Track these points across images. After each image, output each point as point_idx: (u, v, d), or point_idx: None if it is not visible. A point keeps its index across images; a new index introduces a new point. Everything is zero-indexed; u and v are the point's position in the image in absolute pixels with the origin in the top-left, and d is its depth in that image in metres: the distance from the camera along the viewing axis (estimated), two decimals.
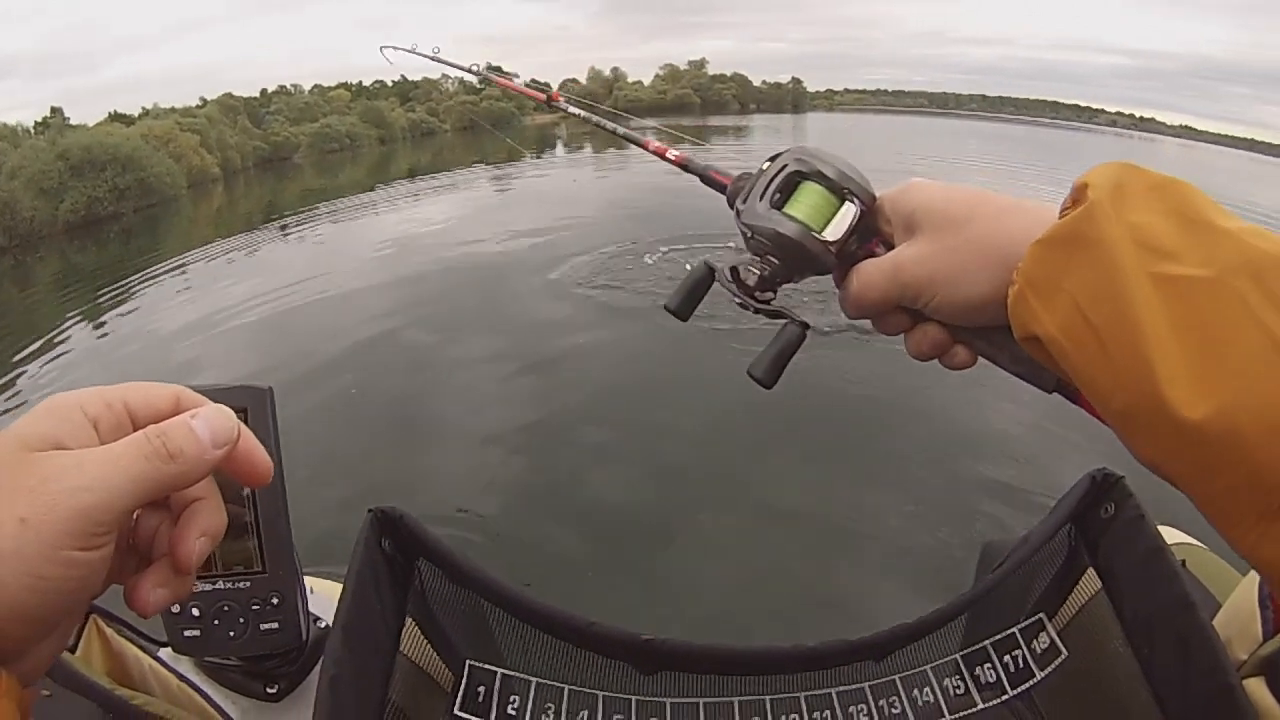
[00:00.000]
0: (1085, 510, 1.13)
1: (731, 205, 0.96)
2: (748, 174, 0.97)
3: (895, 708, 1.11)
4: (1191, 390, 0.59)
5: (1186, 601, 0.99)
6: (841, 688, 1.11)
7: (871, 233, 0.91)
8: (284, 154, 59.37)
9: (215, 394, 1.05)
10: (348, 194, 29.93)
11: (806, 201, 0.90)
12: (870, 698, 1.11)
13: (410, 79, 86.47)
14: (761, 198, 0.91)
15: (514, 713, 1.09)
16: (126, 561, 0.68)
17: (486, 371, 9.36)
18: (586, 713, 1.10)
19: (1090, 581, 1.13)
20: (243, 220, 29.37)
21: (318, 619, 1.25)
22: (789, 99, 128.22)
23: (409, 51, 2.50)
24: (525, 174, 33.24)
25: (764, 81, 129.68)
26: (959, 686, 1.12)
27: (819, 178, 0.90)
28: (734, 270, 0.95)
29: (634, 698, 1.10)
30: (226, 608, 1.08)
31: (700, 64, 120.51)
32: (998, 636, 1.14)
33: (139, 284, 16.12)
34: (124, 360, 11.27)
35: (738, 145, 48.25)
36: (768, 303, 0.94)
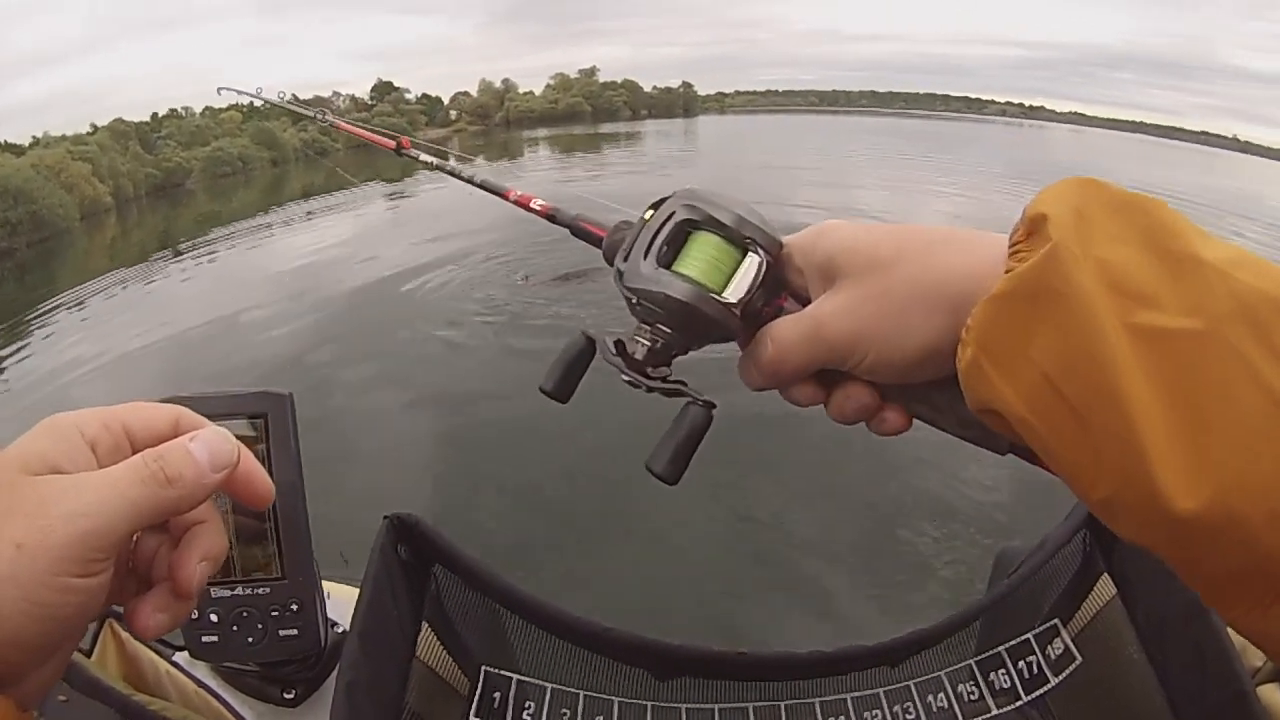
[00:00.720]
0: None
1: (610, 262, 0.82)
2: (627, 223, 0.85)
3: (910, 713, 1.11)
4: (1185, 475, 0.50)
5: (1201, 608, 0.99)
6: (857, 693, 1.11)
7: (779, 286, 0.77)
8: (177, 180, 58.18)
9: (235, 399, 1.07)
10: (242, 218, 29.63)
11: (700, 256, 0.75)
12: (885, 703, 1.11)
13: (301, 97, 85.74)
14: (646, 255, 0.75)
15: (529, 718, 1.10)
16: (126, 584, 0.67)
17: (384, 397, 9.41)
18: (602, 718, 1.10)
19: (1105, 587, 1.14)
20: (137, 251, 28.85)
21: (335, 624, 1.25)
22: (680, 103, 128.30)
23: (247, 94, 2.41)
24: (421, 189, 33.08)
25: (655, 87, 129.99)
26: (973, 692, 1.13)
27: (714, 225, 0.75)
28: (619, 344, 0.80)
29: (649, 703, 1.11)
30: (245, 614, 1.08)
31: (591, 72, 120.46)
32: (1012, 642, 1.15)
33: (36, 322, 15.76)
34: (20, 402, 11.02)
35: (629, 152, 48.45)
36: (663, 379, 0.79)
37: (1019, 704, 1.11)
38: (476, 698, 1.10)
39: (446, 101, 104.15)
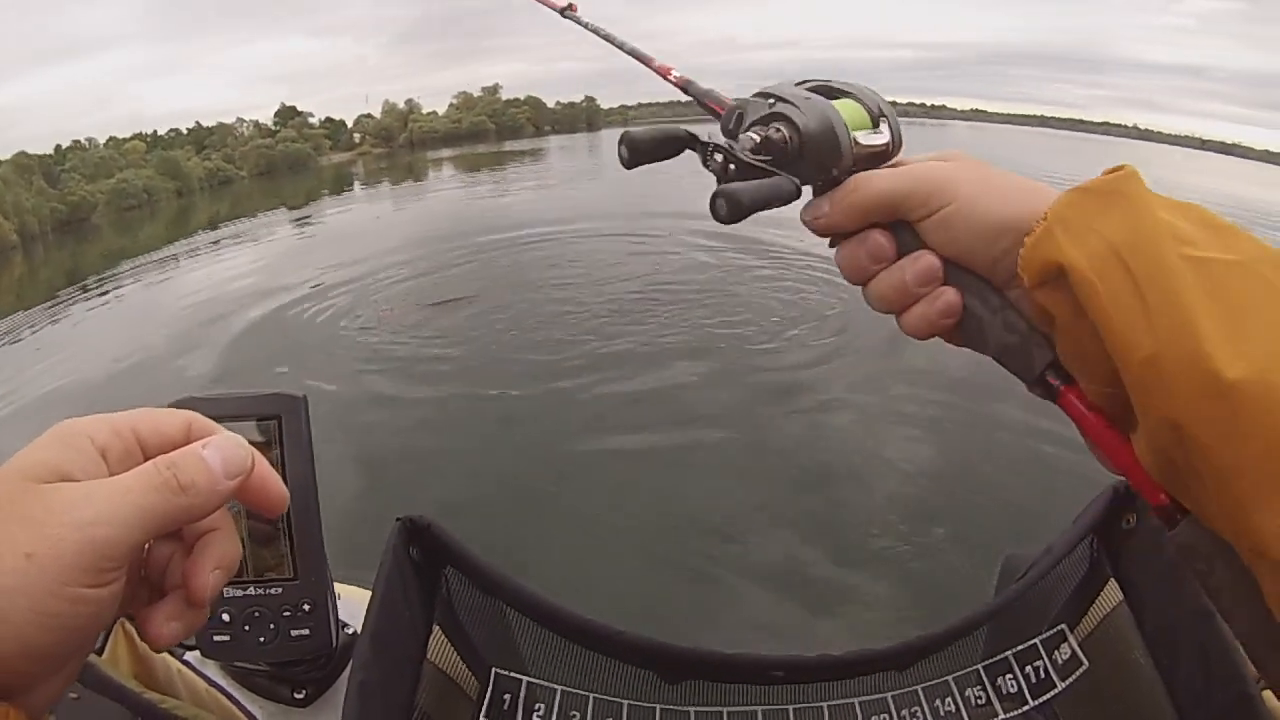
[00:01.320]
0: (1107, 522, 1.13)
1: (728, 130, 0.87)
2: (744, 99, 0.88)
3: (917, 717, 1.11)
4: (1228, 345, 0.57)
5: (1207, 612, 1.00)
6: (864, 697, 1.11)
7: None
8: (82, 214, 57.24)
9: (250, 401, 1.07)
10: (149, 252, 29.13)
11: (845, 109, 0.81)
12: (893, 707, 1.11)
13: (205, 125, 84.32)
14: (796, 85, 0.83)
15: None
16: (138, 592, 0.66)
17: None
18: None
19: (1112, 592, 1.15)
20: (45, 289, 28.31)
21: (345, 625, 1.25)
22: (584, 118, 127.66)
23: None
24: (325, 214, 32.91)
25: (558, 102, 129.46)
26: (980, 697, 1.13)
27: (858, 97, 0.83)
28: (728, 138, 0.84)
29: (658, 706, 1.11)
30: (257, 613, 1.08)
31: (494, 89, 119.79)
32: (1019, 647, 1.15)
33: None
34: None
35: (534, 168, 48.51)
36: (760, 162, 0.80)
37: (1026, 709, 1.12)
38: (486, 700, 1.09)
39: (350, 124, 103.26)
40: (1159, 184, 0.69)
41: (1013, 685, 1.13)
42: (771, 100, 0.82)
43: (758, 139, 0.81)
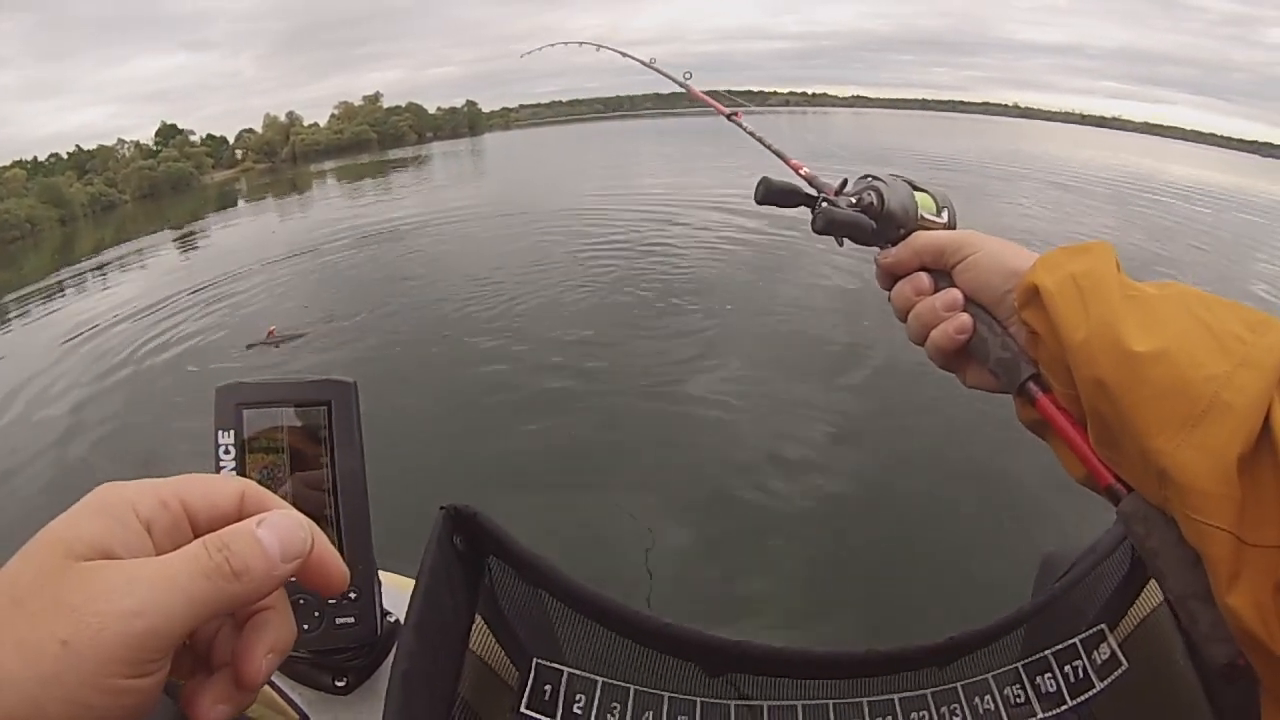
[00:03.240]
0: None
1: (836, 194, 1.18)
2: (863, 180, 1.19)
3: (957, 715, 1.12)
4: (1139, 333, 0.83)
5: None
6: (904, 694, 1.12)
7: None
8: None
9: (298, 387, 1.09)
10: (34, 287, 28.43)
11: (920, 197, 1.15)
12: (932, 704, 1.12)
13: (85, 148, 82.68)
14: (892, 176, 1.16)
15: (579, 712, 1.10)
16: (180, 660, 0.60)
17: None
18: (651, 713, 1.11)
19: (1152, 594, 1.16)
20: None
21: (388, 613, 1.23)
22: (465, 122, 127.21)
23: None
24: (212, 231, 32.64)
25: (439, 108, 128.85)
26: (1019, 695, 1.14)
27: (931, 192, 1.17)
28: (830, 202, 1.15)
29: (699, 699, 1.11)
30: (303, 600, 1.06)
31: (375, 98, 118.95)
32: (1059, 646, 1.15)
33: None
34: None
35: (417, 176, 48.41)
36: (851, 208, 1.13)
37: (1064, 709, 1.12)
38: (528, 690, 1.10)
39: (232, 140, 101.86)
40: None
41: (1051, 685, 1.14)
42: (869, 178, 1.15)
43: (854, 200, 1.13)
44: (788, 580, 5.88)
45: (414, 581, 1.00)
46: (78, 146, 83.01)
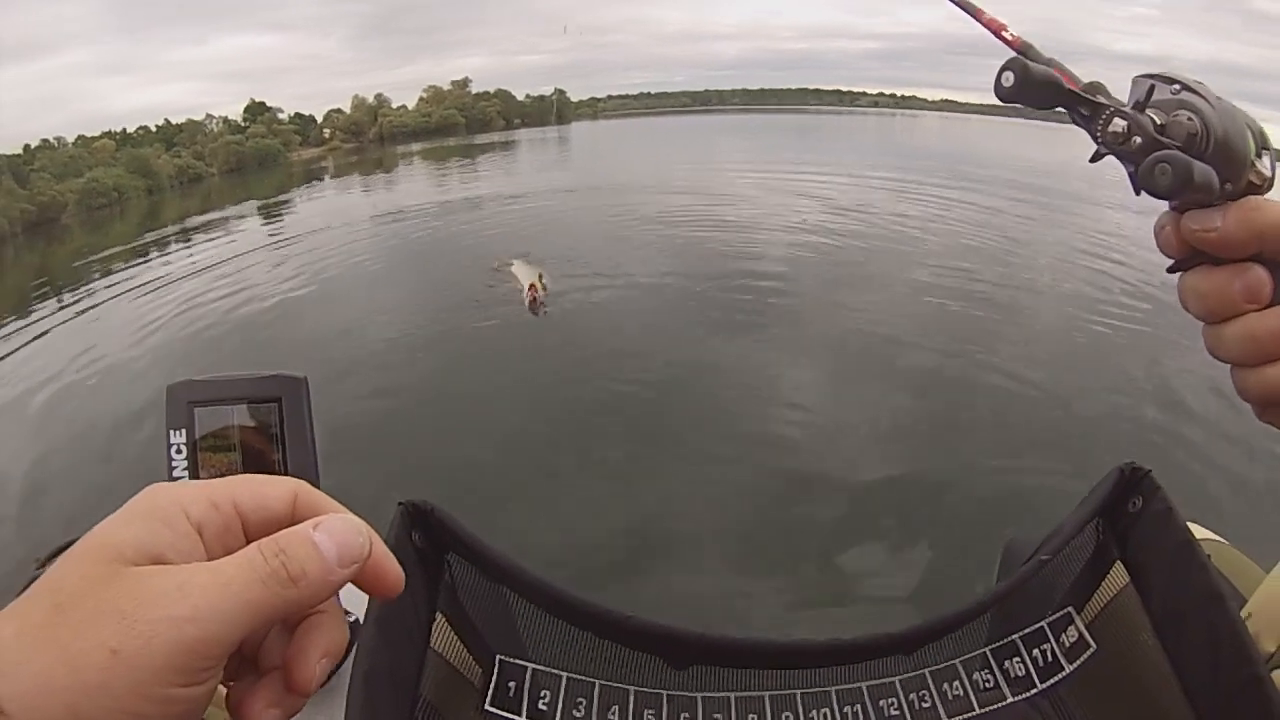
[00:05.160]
0: (1113, 505, 1.14)
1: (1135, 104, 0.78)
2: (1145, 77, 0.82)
3: (925, 701, 1.11)
4: None
5: (1215, 594, 1.00)
6: (872, 681, 1.11)
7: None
8: (52, 214, 55.87)
9: (248, 383, 1.07)
10: (122, 252, 28.95)
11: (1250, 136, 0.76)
12: (900, 691, 1.11)
13: (173, 121, 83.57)
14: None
15: (545, 708, 1.09)
16: (227, 663, 0.57)
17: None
18: (618, 708, 1.09)
19: (1118, 575, 1.15)
20: (15, 294, 28.13)
21: (346, 613, 1.22)
22: (553, 110, 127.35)
23: None
24: (296, 208, 33.08)
25: (528, 95, 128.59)
26: (988, 680, 1.13)
27: (1247, 120, 0.76)
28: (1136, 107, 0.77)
29: (665, 692, 1.10)
30: None
31: (464, 83, 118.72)
32: (1026, 630, 1.15)
33: None
34: None
35: (504, 160, 48.72)
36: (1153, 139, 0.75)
37: (1033, 692, 1.12)
38: (492, 687, 1.09)
39: (320, 119, 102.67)
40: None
41: (1020, 668, 1.13)
42: (1177, 87, 0.76)
43: (1158, 120, 0.76)
44: (752, 570, 6.00)
45: None
46: (166, 120, 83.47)
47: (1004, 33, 0.92)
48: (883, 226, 18.60)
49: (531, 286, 12.95)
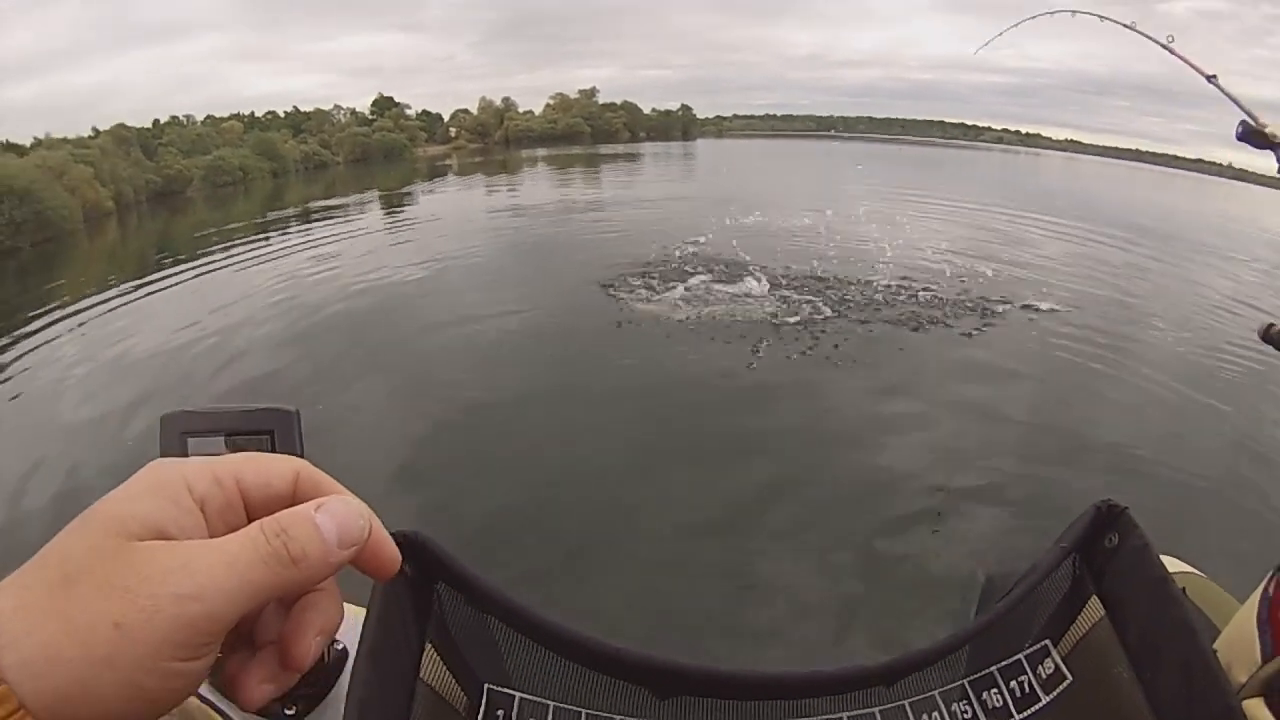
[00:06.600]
0: (1090, 540, 1.16)
1: None
2: None
3: None
4: None
5: (1189, 627, 1.03)
6: (853, 712, 1.12)
7: None
8: (177, 187, 57.96)
9: (242, 415, 1.09)
10: (242, 228, 29.49)
11: None
12: None
13: (302, 109, 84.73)
14: None
15: None
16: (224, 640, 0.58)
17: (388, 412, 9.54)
18: None
19: (1094, 609, 1.16)
20: (136, 258, 28.76)
21: (335, 641, 1.24)
22: (679, 126, 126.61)
23: None
24: (419, 198, 33.38)
25: (654, 109, 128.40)
26: (967, 711, 1.15)
27: None
28: None
29: None
30: None
31: (591, 93, 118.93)
32: (1004, 662, 1.17)
33: (34, 323, 15.67)
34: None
35: (628, 171, 48.59)
36: None
37: None
38: (480, 716, 1.11)
39: (446, 118, 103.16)
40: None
41: (998, 699, 1.15)
42: None
43: None
44: (742, 597, 5.83)
45: (362, 609, 1.00)
46: (295, 108, 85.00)
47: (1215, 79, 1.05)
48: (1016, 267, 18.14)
49: None
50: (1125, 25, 1.98)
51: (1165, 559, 1.12)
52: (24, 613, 0.49)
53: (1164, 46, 1.63)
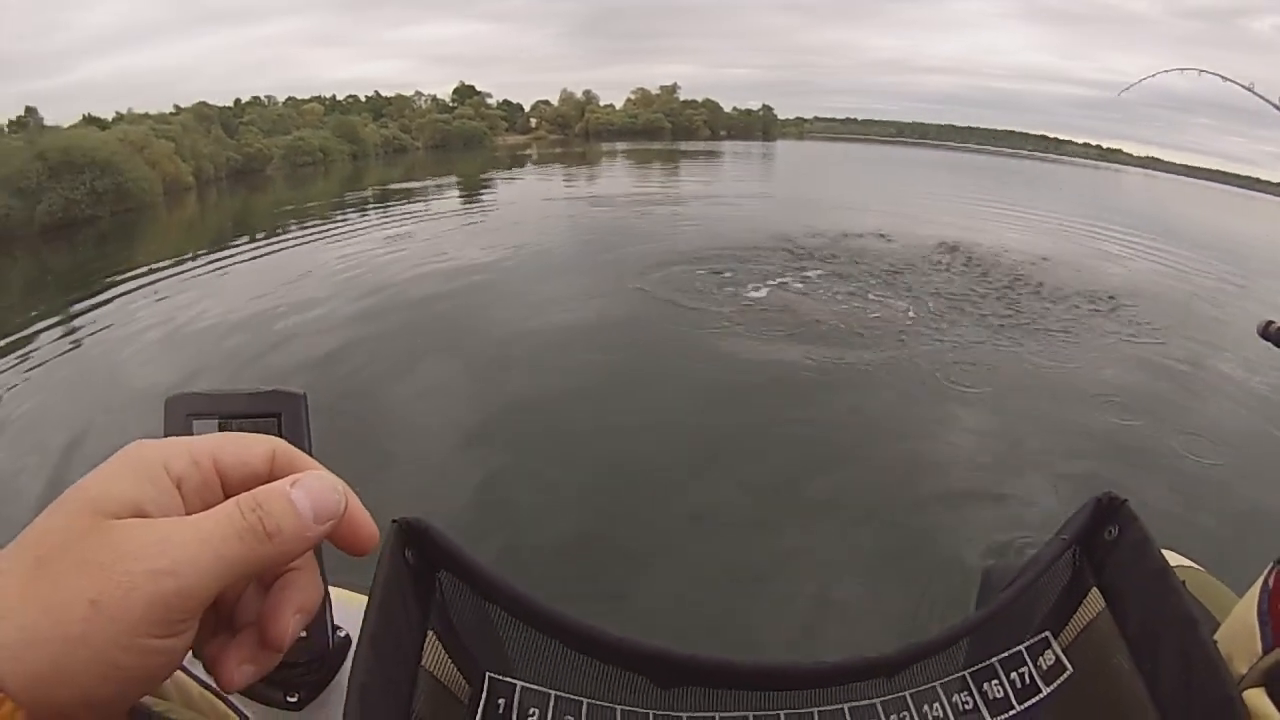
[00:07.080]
0: (1090, 533, 1.17)
1: None
2: None
3: None
4: None
5: (1189, 617, 1.04)
6: (854, 703, 1.12)
7: None
8: (256, 165, 58.88)
9: (249, 398, 1.07)
10: (321, 208, 29.94)
11: None
12: (882, 713, 1.13)
13: (384, 95, 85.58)
14: None
15: None
16: (203, 621, 0.59)
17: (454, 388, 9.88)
18: None
19: (1094, 600, 1.18)
20: (214, 232, 29.33)
21: (338, 628, 1.23)
22: (759, 126, 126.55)
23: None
24: (496, 188, 33.64)
25: (735, 108, 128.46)
26: (968, 702, 1.15)
27: None
28: None
29: (651, 712, 1.11)
30: None
31: (672, 89, 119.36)
32: (1004, 654, 1.17)
33: (112, 292, 15.97)
34: (88, 370, 11.42)
35: (707, 168, 48.67)
36: None
37: (1011, 713, 1.14)
38: (481, 705, 1.10)
39: (527, 109, 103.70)
40: None
41: (999, 691, 1.15)
42: None
43: None
44: (748, 589, 6.06)
45: (364, 596, 0.99)
46: (376, 93, 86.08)
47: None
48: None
49: None
50: (1244, 87, 1.97)
51: (1165, 553, 1.12)
52: (1, 596, 0.49)
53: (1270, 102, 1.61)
